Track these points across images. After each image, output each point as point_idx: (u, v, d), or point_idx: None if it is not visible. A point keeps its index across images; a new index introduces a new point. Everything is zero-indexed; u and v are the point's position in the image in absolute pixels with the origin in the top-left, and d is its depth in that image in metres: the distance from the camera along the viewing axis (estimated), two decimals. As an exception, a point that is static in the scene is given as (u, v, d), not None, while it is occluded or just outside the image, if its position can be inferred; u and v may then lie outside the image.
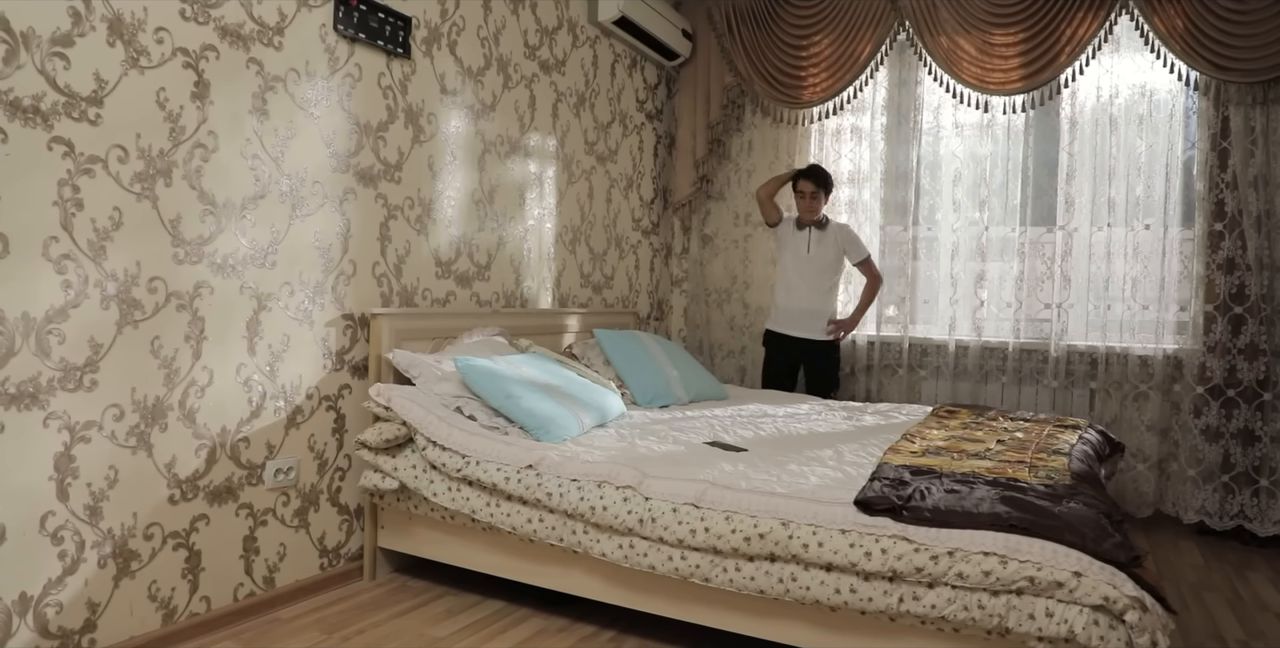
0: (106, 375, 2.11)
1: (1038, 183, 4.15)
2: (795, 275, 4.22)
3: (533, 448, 2.55)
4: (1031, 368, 4.13)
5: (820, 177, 4.12)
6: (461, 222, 3.33)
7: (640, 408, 3.46)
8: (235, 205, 2.43)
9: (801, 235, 4.19)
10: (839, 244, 4.19)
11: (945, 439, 2.87)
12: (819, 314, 4.19)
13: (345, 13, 2.72)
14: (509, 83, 3.57)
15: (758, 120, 4.76)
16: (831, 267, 4.22)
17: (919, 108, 4.34)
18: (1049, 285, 4.10)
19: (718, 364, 4.89)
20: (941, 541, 1.96)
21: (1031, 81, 3.96)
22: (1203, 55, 3.62)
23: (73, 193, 2.02)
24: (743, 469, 2.44)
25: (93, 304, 2.07)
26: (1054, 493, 2.16)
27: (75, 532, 2.07)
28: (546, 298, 3.93)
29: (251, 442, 2.52)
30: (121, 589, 2.18)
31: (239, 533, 2.50)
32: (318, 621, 2.53)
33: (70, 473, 2.05)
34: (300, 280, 2.65)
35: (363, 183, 2.86)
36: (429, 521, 2.74)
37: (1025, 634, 1.86)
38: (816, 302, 4.20)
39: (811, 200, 4.12)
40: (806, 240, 4.18)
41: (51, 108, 1.97)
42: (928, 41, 4.18)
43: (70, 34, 2.00)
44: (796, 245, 4.20)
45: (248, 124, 2.45)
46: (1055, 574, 1.83)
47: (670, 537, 2.22)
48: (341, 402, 2.82)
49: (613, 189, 4.45)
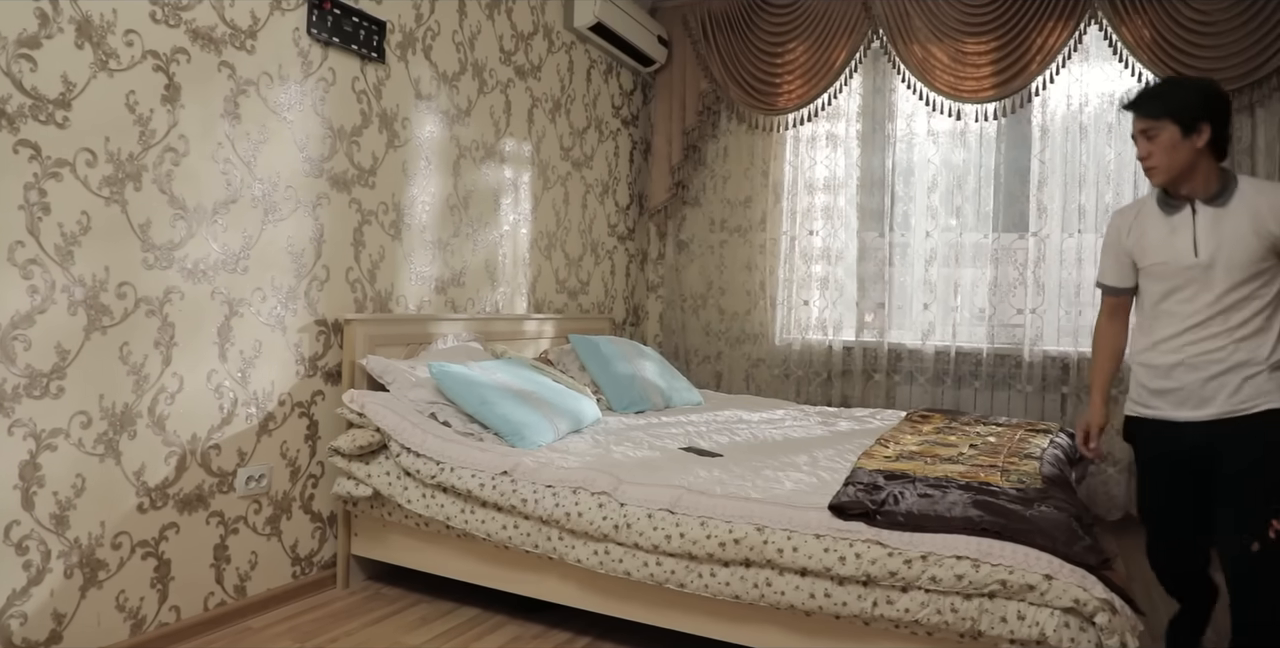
0: (74, 382, 2.08)
1: (1009, 190, 4.20)
2: (1177, 304, 2.09)
3: (508, 454, 2.54)
4: (1004, 373, 4.17)
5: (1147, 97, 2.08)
6: (436, 227, 3.32)
7: (616, 414, 3.46)
8: (206, 210, 2.41)
9: (1178, 224, 2.07)
10: (1265, 222, 1.97)
11: (919, 444, 2.89)
12: (1232, 369, 2.01)
13: (319, 17, 2.71)
14: (484, 88, 3.56)
15: (733, 126, 4.78)
16: (1249, 270, 1.99)
17: (893, 115, 4.38)
18: (1021, 291, 4.14)
19: (693, 370, 4.89)
20: (915, 545, 1.98)
21: (1003, 90, 4.01)
22: (1169, 65, 3.68)
23: (39, 197, 1.99)
24: (718, 475, 2.45)
25: (60, 310, 2.04)
26: (1025, 497, 2.18)
27: (41, 541, 2.03)
28: (522, 304, 3.92)
29: (222, 449, 2.49)
30: (89, 600, 2.15)
31: (209, 541, 2.47)
32: (290, 629, 2.50)
33: (36, 481, 2.01)
34: (273, 286, 2.62)
35: (336, 188, 2.84)
36: (403, 528, 2.72)
37: (997, 637, 1.88)
38: (1224, 348, 2.02)
39: (1149, 143, 2.05)
40: (1190, 230, 2.04)
41: (18, 110, 1.94)
42: (901, 49, 4.22)
43: (37, 35, 1.98)
44: (1172, 248, 2.07)
45: (219, 128, 2.43)
46: (1027, 577, 1.85)
47: (645, 543, 2.21)
48: (314, 408, 2.80)
49: (588, 195, 4.45)
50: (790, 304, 4.62)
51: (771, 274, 4.64)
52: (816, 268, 4.57)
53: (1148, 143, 2.04)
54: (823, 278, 4.54)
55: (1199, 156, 2.00)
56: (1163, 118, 2.00)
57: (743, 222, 4.75)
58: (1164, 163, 2.02)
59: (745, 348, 4.74)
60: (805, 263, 4.59)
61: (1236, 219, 1.98)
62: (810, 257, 4.58)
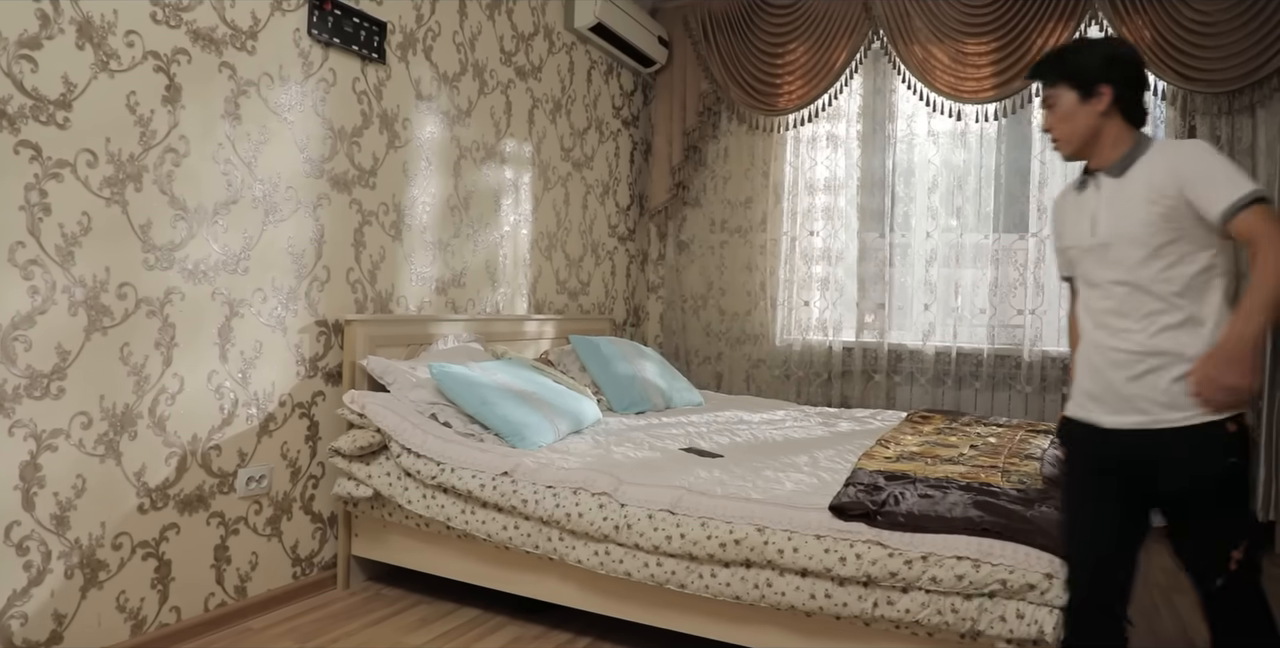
0: (74, 383, 2.08)
1: (1010, 190, 4.20)
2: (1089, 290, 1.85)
3: (508, 455, 2.54)
4: (1005, 373, 4.17)
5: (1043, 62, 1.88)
6: (437, 228, 3.32)
7: (616, 414, 3.46)
8: (207, 211, 2.41)
9: (1085, 202, 1.84)
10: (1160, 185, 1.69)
11: (919, 445, 2.89)
12: (1156, 368, 1.69)
13: (319, 17, 2.71)
14: (485, 88, 3.57)
15: (734, 127, 4.78)
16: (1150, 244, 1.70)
17: (893, 116, 4.38)
18: (1021, 292, 4.14)
19: (694, 370, 4.89)
20: (915, 545, 1.98)
21: (1003, 90, 4.01)
22: (1170, 66, 3.69)
23: (40, 197, 1.99)
24: (718, 476, 2.45)
25: (60, 310, 2.04)
26: (1026, 497, 2.18)
27: (41, 542, 2.03)
28: (522, 304, 3.92)
29: (223, 449, 2.49)
30: (89, 600, 2.15)
31: (210, 542, 2.47)
32: (290, 630, 2.50)
33: (36, 482, 2.01)
34: (273, 286, 2.62)
35: (337, 188, 2.85)
36: (403, 528, 2.72)
37: (995, 637, 1.88)
38: (1141, 341, 1.72)
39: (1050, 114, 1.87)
40: (1092, 207, 1.81)
41: (18, 111, 1.94)
42: (901, 50, 4.22)
43: (38, 36, 1.98)
44: (1077, 229, 1.86)
45: (220, 129, 2.43)
46: (1027, 577, 1.85)
47: (646, 543, 2.21)
48: (315, 409, 2.80)
49: (589, 195, 4.45)
50: (791, 305, 4.62)
51: (772, 275, 4.64)
52: (817, 269, 4.57)
53: (1049, 113, 1.83)
54: (823, 279, 4.54)
55: (1103, 123, 1.76)
56: (1059, 84, 1.79)
57: (743, 222, 4.75)
58: (1064, 132, 1.80)
59: (746, 349, 4.74)
60: (806, 264, 4.59)
61: (1133, 188, 1.70)
62: (811, 257, 4.58)
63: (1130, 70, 1.79)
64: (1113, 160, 1.76)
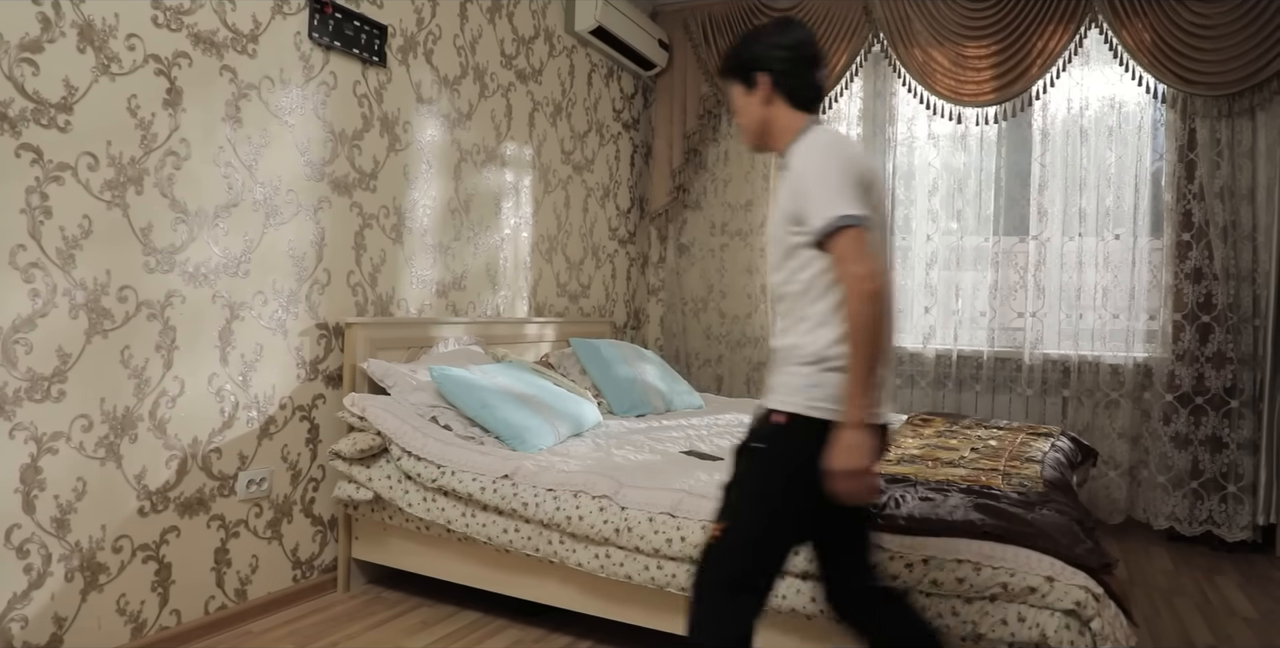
0: (75, 386, 2.08)
1: (1010, 193, 4.20)
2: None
3: (508, 458, 2.54)
4: (1005, 376, 4.17)
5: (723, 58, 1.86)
6: (437, 231, 3.32)
7: (616, 417, 3.45)
8: (208, 214, 2.41)
9: None
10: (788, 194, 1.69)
11: (920, 447, 2.89)
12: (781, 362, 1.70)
13: (320, 21, 2.71)
14: (485, 92, 3.57)
15: (734, 130, 4.78)
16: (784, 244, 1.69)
17: (894, 119, 4.38)
18: (1022, 295, 4.14)
19: (694, 373, 4.89)
20: (916, 548, 1.98)
21: (1004, 93, 4.01)
22: (1170, 69, 3.69)
23: (41, 200, 1.99)
24: (719, 478, 2.44)
25: (61, 313, 2.05)
26: (1027, 500, 2.18)
27: (41, 545, 2.03)
28: (523, 307, 3.92)
29: (223, 452, 2.49)
30: (89, 603, 2.14)
31: (210, 545, 2.47)
32: (290, 633, 2.50)
33: (37, 485, 2.01)
34: (274, 289, 2.63)
35: (337, 191, 2.85)
36: (404, 531, 2.71)
37: (996, 640, 1.88)
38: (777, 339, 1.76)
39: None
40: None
41: (20, 114, 1.94)
42: (902, 53, 4.22)
43: (39, 40, 1.98)
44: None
45: (221, 132, 2.44)
46: (1028, 580, 1.85)
47: (646, 546, 2.21)
48: (315, 412, 2.80)
49: (589, 198, 4.46)
50: (791, 308, 4.60)
51: (772, 277, 4.63)
52: (817, 271, 4.55)
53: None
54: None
55: (769, 112, 1.70)
56: (729, 78, 1.76)
57: (743, 225, 4.75)
58: (741, 126, 1.77)
59: (746, 351, 4.74)
60: (806, 266, 4.58)
61: (783, 184, 1.64)
62: (811, 260, 4.57)
63: (786, 53, 1.69)
64: (784, 151, 1.70)
